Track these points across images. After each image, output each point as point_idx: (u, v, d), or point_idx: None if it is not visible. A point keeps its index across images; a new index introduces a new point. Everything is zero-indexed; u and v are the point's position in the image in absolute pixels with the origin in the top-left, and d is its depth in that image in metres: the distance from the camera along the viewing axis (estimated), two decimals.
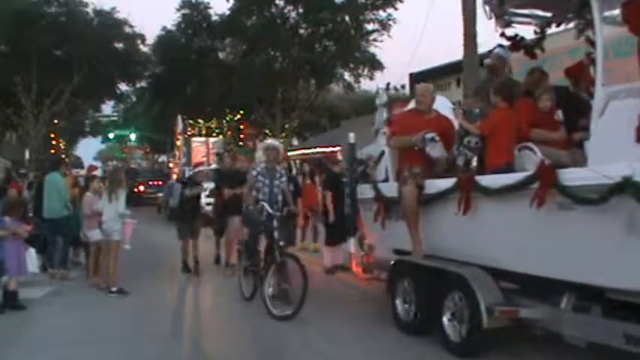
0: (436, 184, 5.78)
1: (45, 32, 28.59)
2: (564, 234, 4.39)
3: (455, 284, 5.31)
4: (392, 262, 6.36)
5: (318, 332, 6.19)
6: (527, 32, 6.55)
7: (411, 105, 6.83)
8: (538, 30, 6.42)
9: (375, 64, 29.70)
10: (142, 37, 33.70)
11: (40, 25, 28.68)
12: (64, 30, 29.48)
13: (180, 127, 26.57)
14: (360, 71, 30.11)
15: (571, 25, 6.43)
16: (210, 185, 12.25)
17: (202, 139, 27.04)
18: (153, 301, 7.91)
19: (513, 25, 6.28)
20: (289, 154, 27.48)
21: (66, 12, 30.81)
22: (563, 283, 4.56)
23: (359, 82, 30.83)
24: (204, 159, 24.67)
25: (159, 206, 22.98)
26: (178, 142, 26.27)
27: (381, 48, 30.22)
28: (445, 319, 5.38)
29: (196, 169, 17.03)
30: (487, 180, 5.10)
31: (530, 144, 5.22)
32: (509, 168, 5.17)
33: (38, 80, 30.84)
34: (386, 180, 6.75)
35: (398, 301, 6.14)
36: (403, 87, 35.03)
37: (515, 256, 4.92)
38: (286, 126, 32.40)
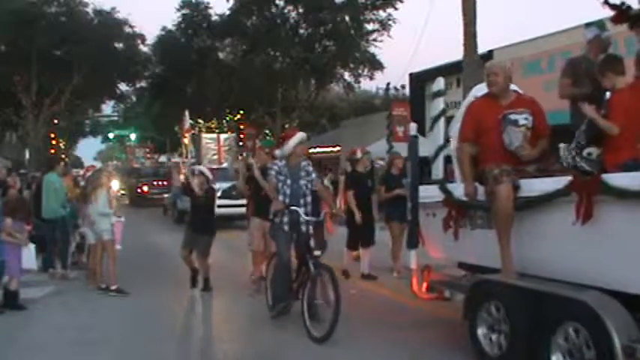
0: (536, 185, 4.60)
1: (45, 32, 28.61)
2: None
3: (570, 314, 4.11)
4: (474, 282, 5.01)
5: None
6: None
7: (480, 90, 5.69)
8: None
9: (375, 64, 29.72)
10: (142, 37, 33.76)
11: (40, 25, 28.68)
12: (64, 30, 29.48)
13: (187, 123, 24.98)
14: (360, 71, 30.12)
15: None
16: (223, 185, 11.57)
17: (213, 135, 25.00)
18: (153, 301, 7.91)
19: None
20: None
21: (66, 12, 30.82)
22: None
23: (359, 82, 30.89)
24: (215, 157, 23.08)
25: (164, 207, 22.45)
26: (186, 140, 24.65)
27: (381, 48, 30.30)
28: None
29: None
30: (622, 179, 3.94)
31: None
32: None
33: (38, 80, 30.86)
34: (444, 181, 5.79)
35: (480, 332, 4.86)
36: (403, 87, 35.11)
37: None
38: (286, 126, 32.38)
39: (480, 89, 5.63)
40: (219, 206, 11.42)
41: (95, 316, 7.18)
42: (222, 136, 23.99)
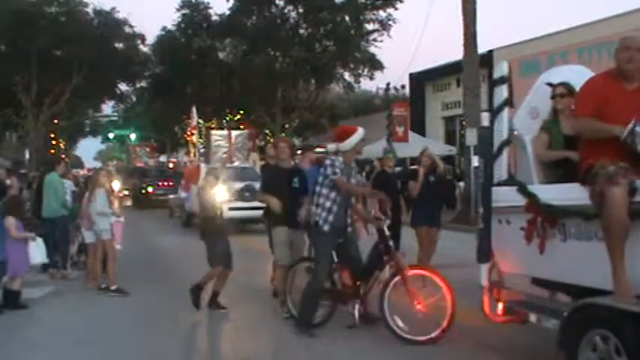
0: None
1: (45, 32, 28.62)
2: None
3: None
4: (575, 306, 4.12)
5: None
6: None
7: (554, 74, 5.09)
8: None
9: (375, 64, 29.73)
10: (142, 37, 33.78)
11: (40, 25, 28.69)
12: (64, 30, 29.49)
13: (195, 119, 23.38)
14: (360, 71, 30.13)
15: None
16: (235, 186, 10.96)
17: (224, 132, 23.04)
18: (153, 301, 7.91)
19: None
20: None
21: (66, 12, 30.83)
22: None
23: (359, 82, 30.90)
24: (226, 155, 21.21)
25: (170, 209, 21.65)
26: (193, 138, 23.06)
27: (381, 48, 30.27)
28: None
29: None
30: None
31: None
32: None
33: (38, 80, 30.88)
34: (511, 180, 5.03)
35: None
36: (403, 87, 35.13)
37: None
38: (286, 126, 32.42)
39: (555, 73, 5.24)
40: (231, 209, 10.78)
41: (95, 316, 7.17)
42: (234, 133, 22.14)
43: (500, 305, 5.00)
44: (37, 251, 7.72)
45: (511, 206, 4.80)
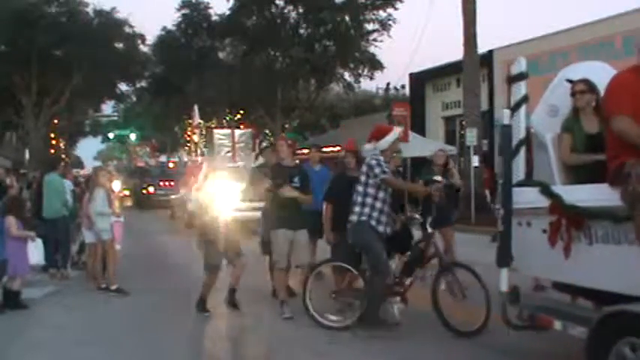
0: None
1: (45, 32, 28.59)
2: None
3: None
4: (605, 313, 3.92)
5: None
6: None
7: (572, 70, 5.01)
8: None
9: (375, 64, 29.71)
10: (142, 37, 33.74)
11: (40, 25, 28.67)
12: (64, 30, 29.48)
13: (197, 118, 22.98)
14: (360, 71, 30.11)
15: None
16: (237, 186, 10.92)
17: (227, 131, 22.75)
18: (153, 301, 7.91)
19: None
20: None
21: (66, 12, 30.82)
22: None
23: (359, 82, 30.86)
24: (229, 155, 20.97)
25: (172, 209, 21.39)
26: (195, 137, 22.54)
27: (381, 48, 30.18)
28: None
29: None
30: None
31: None
32: None
33: (38, 80, 30.87)
34: (532, 180, 4.89)
35: None
36: (403, 87, 35.14)
37: None
38: (286, 126, 32.40)
39: (574, 70, 5.16)
40: (235, 210, 10.39)
41: (95, 316, 7.18)
42: (237, 132, 21.92)
43: (521, 311, 4.78)
44: (35, 252, 7.72)
45: (532, 208, 4.61)
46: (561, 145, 4.75)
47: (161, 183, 27.89)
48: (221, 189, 7.34)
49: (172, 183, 25.99)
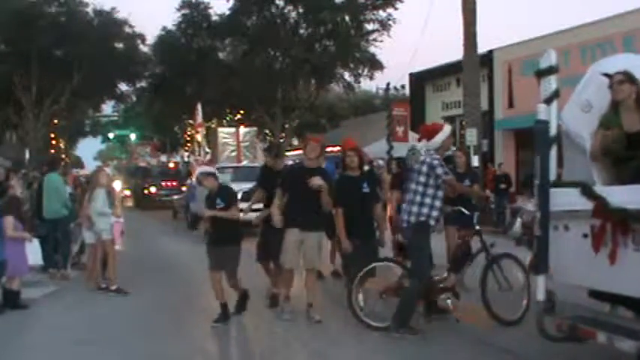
0: None
1: (45, 32, 28.60)
2: None
3: None
4: None
5: None
6: None
7: (606, 63, 4.77)
8: None
9: (375, 64, 29.71)
10: (142, 37, 33.74)
11: (40, 25, 28.68)
12: (64, 30, 29.49)
13: (199, 117, 22.12)
14: (360, 71, 30.12)
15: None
16: (243, 187, 10.70)
17: (231, 129, 22.06)
18: (153, 300, 7.91)
19: None
20: (289, 153, 26.43)
21: (66, 12, 30.83)
22: None
23: (359, 82, 30.88)
24: (234, 154, 20.23)
25: (174, 210, 21.27)
26: (198, 136, 22.15)
27: (381, 48, 30.20)
28: None
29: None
30: None
31: None
32: None
33: (38, 80, 30.87)
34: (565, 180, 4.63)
35: None
36: (403, 87, 35.10)
37: None
38: (286, 126, 32.40)
39: (608, 63, 4.93)
40: (240, 211, 10.14)
41: (95, 316, 7.18)
42: (242, 131, 21.19)
43: (558, 322, 4.49)
44: (32, 253, 7.71)
45: (571, 210, 4.32)
46: (594, 142, 4.47)
47: (163, 183, 27.64)
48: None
49: (175, 183, 25.86)
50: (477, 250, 6.42)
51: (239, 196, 7.71)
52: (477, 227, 6.55)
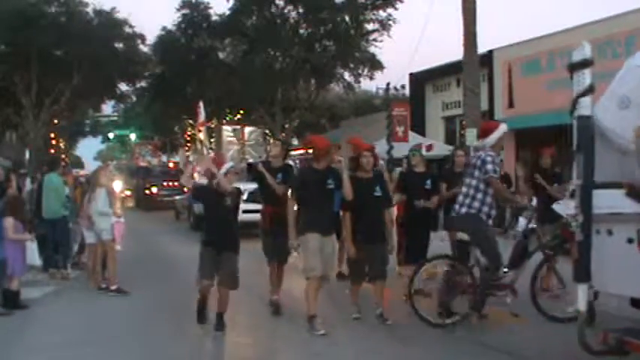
0: None
1: (45, 32, 28.56)
2: None
3: None
4: None
5: None
6: None
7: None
8: None
9: (375, 64, 29.69)
10: (142, 37, 33.70)
11: (40, 25, 28.64)
12: (64, 30, 29.45)
13: (202, 115, 22.58)
14: (360, 71, 30.10)
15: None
16: (248, 187, 10.45)
17: (236, 127, 21.90)
18: (153, 301, 7.91)
19: None
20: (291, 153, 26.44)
21: (66, 12, 30.79)
22: None
23: (359, 82, 30.83)
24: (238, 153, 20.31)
25: (176, 211, 21.15)
26: (201, 135, 22.25)
27: (381, 48, 30.13)
28: None
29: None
30: None
31: None
32: None
33: (38, 80, 30.86)
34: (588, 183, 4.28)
35: None
36: (403, 87, 35.09)
37: None
38: (286, 126, 32.38)
39: None
40: (245, 211, 9.84)
41: (95, 316, 7.18)
42: (247, 129, 21.24)
43: (602, 335, 4.18)
44: (31, 252, 7.71)
45: (614, 213, 4.08)
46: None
47: (164, 183, 27.47)
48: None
49: (177, 183, 25.79)
50: (534, 248, 6.58)
51: (244, 196, 7.52)
52: (534, 226, 6.74)
